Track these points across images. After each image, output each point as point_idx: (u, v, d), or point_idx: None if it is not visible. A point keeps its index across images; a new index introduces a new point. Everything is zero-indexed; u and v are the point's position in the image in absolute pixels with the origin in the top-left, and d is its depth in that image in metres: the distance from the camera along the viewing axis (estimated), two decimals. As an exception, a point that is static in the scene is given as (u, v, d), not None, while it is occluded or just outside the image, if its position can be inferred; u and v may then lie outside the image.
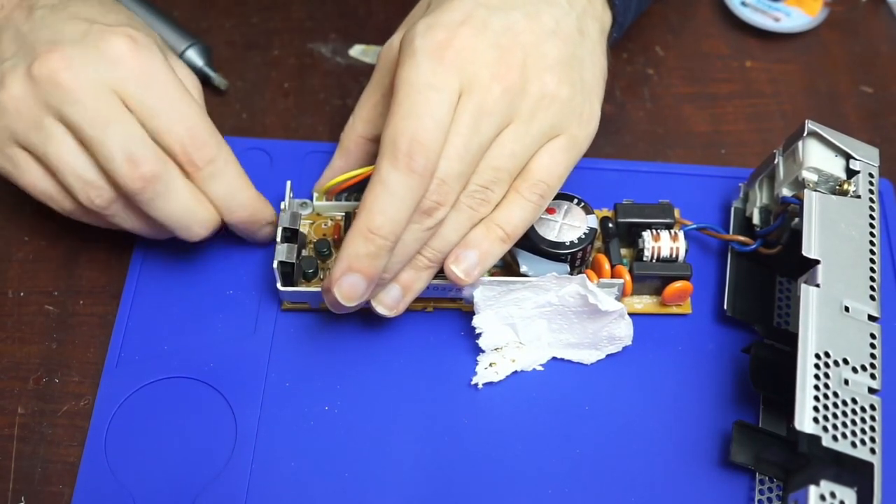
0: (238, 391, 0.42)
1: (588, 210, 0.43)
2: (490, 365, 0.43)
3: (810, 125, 0.42)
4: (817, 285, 0.38)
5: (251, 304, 0.44)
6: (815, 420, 0.35)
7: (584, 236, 0.42)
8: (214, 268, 0.45)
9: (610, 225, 0.45)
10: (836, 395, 0.36)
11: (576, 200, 0.43)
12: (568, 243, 0.42)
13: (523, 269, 0.42)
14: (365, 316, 0.44)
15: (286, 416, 0.41)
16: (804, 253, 0.39)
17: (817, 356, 0.36)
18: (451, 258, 0.39)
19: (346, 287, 0.37)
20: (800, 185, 0.42)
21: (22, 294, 0.45)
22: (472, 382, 0.42)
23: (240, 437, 0.41)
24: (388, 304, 0.40)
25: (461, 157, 0.37)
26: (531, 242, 0.42)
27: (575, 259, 0.42)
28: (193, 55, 0.52)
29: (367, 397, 0.42)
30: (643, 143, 0.52)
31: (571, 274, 0.42)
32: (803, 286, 0.38)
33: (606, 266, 0.43)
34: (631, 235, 0.45)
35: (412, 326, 0.44)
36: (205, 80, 0.52)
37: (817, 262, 0.39)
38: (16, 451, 0.41)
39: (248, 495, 0.39)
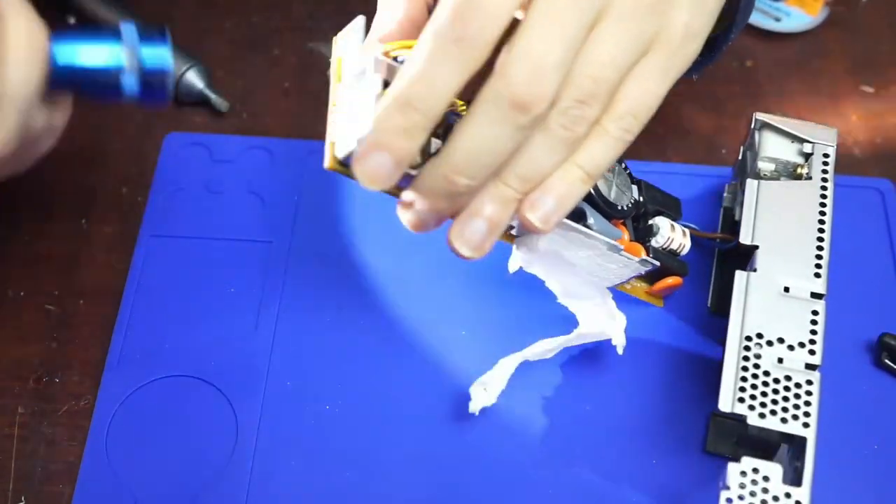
0: (239, 390, 0.42)
1: (632, 178, 0.41)
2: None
3: (758, 116, 0.43)
4: (754, 270, 0.39)
5: (252, 302, 0.44)
6: (741, 399, 0.36)
7: (632, 204, 0.40)
8: (215, 266, 0.45)
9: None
10: (766, 373, 0.37)
11: (623, 165, 0.41)
12: (620, 207, 0.39)
13: (590, 220, 0.38)
14: (366, 315, 0.44)
15: (287, 416, 0.41)
16: (741, 240, 0.40)
17: (748, 338, 0.38)
18: (526, 205, 0.33)
19: (371, 167, 0.30)
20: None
21: (22, 294, 0.45)
22: (470, 410, 0.40)
23: (240, 436, 0.41)
24: (473, 242, 0.33)
25: (563, 39, 0.29)
26: (589, 196, 0.38)
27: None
28: (193, 77, 0.51)
29: (368, 397, 0.42)
30: (643, 143, 0.51)
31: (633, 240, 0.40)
32: (738, 273, 0.39)
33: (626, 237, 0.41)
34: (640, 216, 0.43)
35: (413, 326, 0.44)
36: (205, 102, 0.51)
37: (755, 247, 0.40)
38: (16, 451, 0.41)
39: (248, 494, 0.39)
